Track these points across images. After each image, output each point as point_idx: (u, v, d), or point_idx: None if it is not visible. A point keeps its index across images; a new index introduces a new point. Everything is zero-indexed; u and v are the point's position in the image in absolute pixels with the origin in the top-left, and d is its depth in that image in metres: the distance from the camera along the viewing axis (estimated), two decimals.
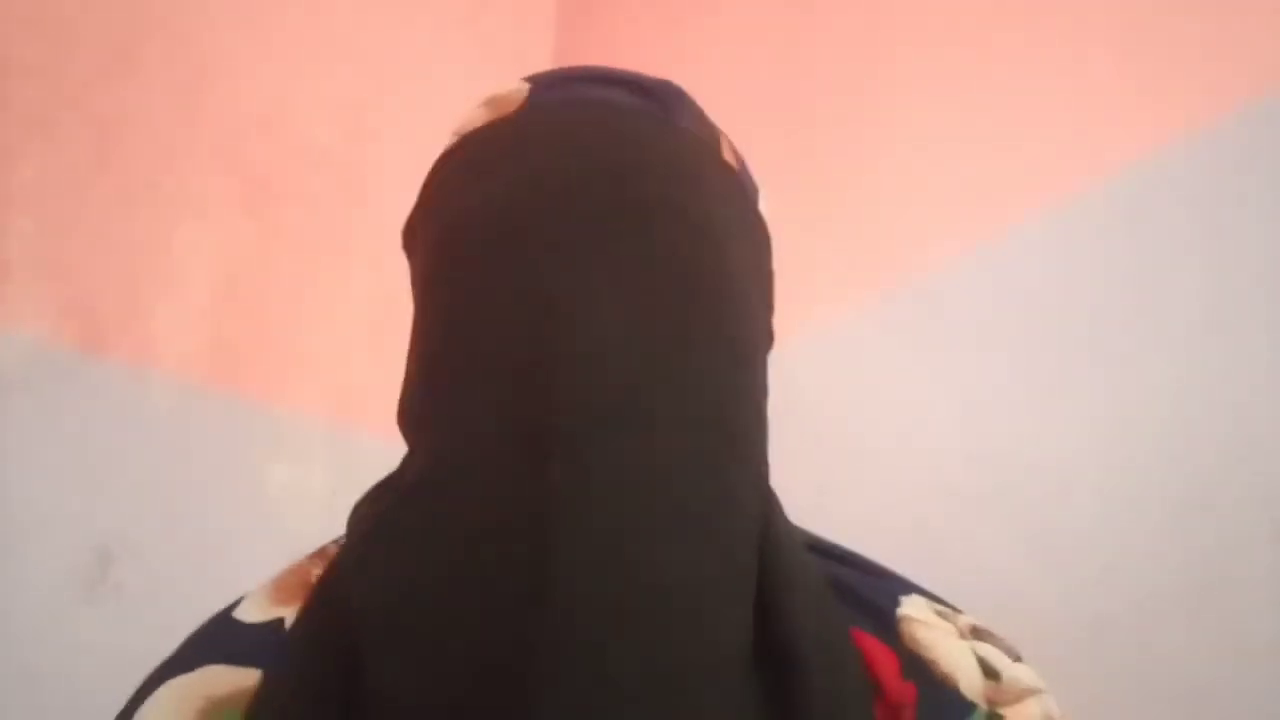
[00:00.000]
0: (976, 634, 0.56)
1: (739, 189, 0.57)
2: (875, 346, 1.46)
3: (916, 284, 1.44)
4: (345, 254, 1.63)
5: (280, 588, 0.56)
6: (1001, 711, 0.52)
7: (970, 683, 0.52)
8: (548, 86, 0.57)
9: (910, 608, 0.55)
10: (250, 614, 0.56)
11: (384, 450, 0.53)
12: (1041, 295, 1.32)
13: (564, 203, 0.51)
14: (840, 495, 1.37)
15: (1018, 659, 0.56)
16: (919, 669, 0.52)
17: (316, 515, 1.49)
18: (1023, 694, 0.53)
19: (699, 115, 0.58)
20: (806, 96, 1.63)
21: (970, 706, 0.52)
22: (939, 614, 0.56)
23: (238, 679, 0.51)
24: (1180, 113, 1.24)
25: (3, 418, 1.31)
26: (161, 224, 1.49)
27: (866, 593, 0.56)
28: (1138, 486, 1.18)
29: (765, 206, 0.61)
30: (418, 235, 0.57)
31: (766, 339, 0.58)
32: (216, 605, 0.60)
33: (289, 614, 0.54)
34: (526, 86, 0.57)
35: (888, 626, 0.54)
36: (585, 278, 0.49)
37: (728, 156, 0.57)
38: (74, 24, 1.44)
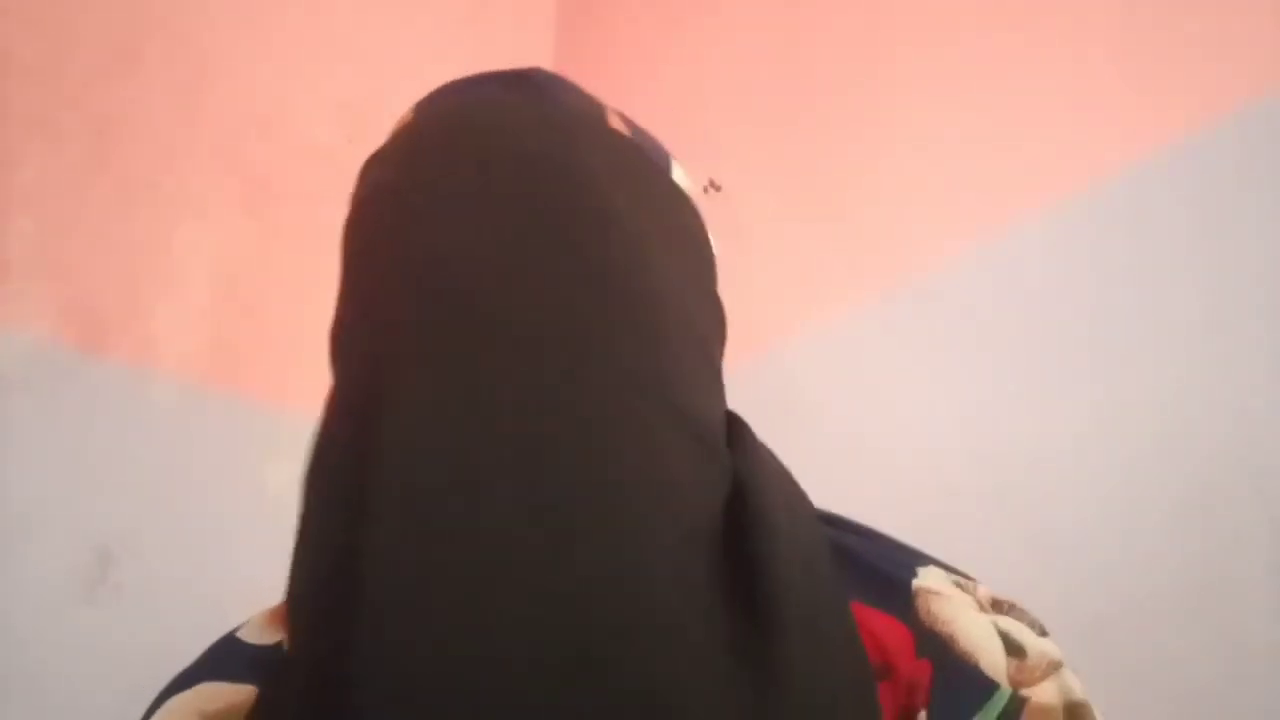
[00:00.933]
0: (997, 606, 0.53)
1: (636, 157, 0.55)
2: (875, 346, 1.46)
3: (916, 284, 1.44)
4: None
5: (279, 612, 0.57)
6: (1025, 693, 0.50)
7: (992, 661, 0.50)
8: (431, 100, 0.59)
9: (926, 578, 0.53)
10: (250, 636, 0.57)
11: None
12: (1041, 295, 1.32)
13: (429, 190, 0.50)
14: (840, 495, 1.37)
15: (1043, 632, 0.54)
16: (936, 645, 0.50)
17: None
18: (1048, 671, 0.51)
19: (579, 93, 0.58)
20: (806, 96, 1.63)
21: (992, 686, 0.49)
22: (957, 584, 0.54)
23: (232, 695, 0.53)
24: (1180, 113, 1.24)
25: (2, 418, 1.31)
26: (162, 224, 1.49)
27: (878, 562, 0.53)
28: (1137, 486, 1.18)
29: (681, 174, 0.59)
30: None
31: (710, 313, 0.56)
32: (217, 605, 0.61)
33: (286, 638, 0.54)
34: (411, 111, 0.60)
35: (902, 599, 0.52)
36: (436, 261, 0.48)
37: (615, 124, 0.56)
38: (74, 24, 1.44)
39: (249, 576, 0.65)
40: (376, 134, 0.61)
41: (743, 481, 0.48)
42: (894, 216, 1.49)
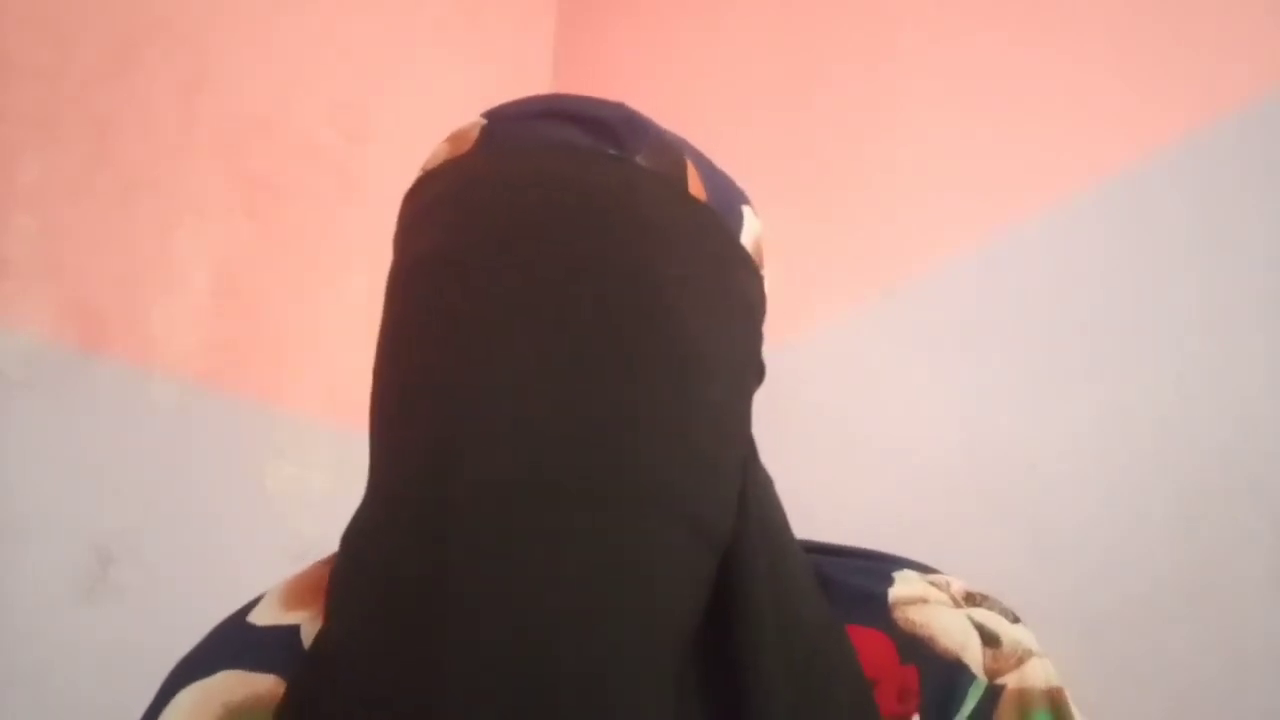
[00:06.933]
0: (971, 600, 0.56)
1: (707, 225, 0.54)
2: (875, 346, 1.46)
3: (916, 284, 1.44)
4: (344, 253, 1.63)
5: (293, 593, 0.58)
6: (1001, 681, 0.53)
7: (972, 653, 0.53)
8: (502, 124, 0.55)
9: (902, 586, 0.55)
10: (264, 617, 0.57)
11: None
12: (1041, 295, 1.32)
13: (494, 260, 0.49)
14: (840, 495, 1.37)
15: (1015, 620, 0.56)
16: (917, 649, 0.53)
17: (316, 515, 1.49)
18: (1023, 658, 0.54)
19: (662, 147, 0.55)
20: (807, 96, 1.63)
21: (972, 678, 0.52)
22: (932, 584, 0.56)
23: (253, 685, 0.53)
24: (1180, 113, 1.24)
25: (3, 417, 1.31)
26: (162, 223, 1.49)
27: (853, 578, 0.56)
28: (1137, 486, 1.18)
29: (753, 228, 0.57)
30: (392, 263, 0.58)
31: (751, 376, 0.56)
32: (216, 605, 0.60)
33: (303, 618, 0.55)
34: (481, 123, 0.56)
35: (881, 611, 0.54)
36: (502, 342, 0.48)
37: (695, 190, 0.54)
38: (75, 24, 1.44)
39: (248, 576, 0.64)
40: (376, 134, 0.60)
41: (733, 557, 0.50)
42: (894, 216, 1.49)
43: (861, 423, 1.44)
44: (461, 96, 1.80)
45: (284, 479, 1.53)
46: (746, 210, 0.58)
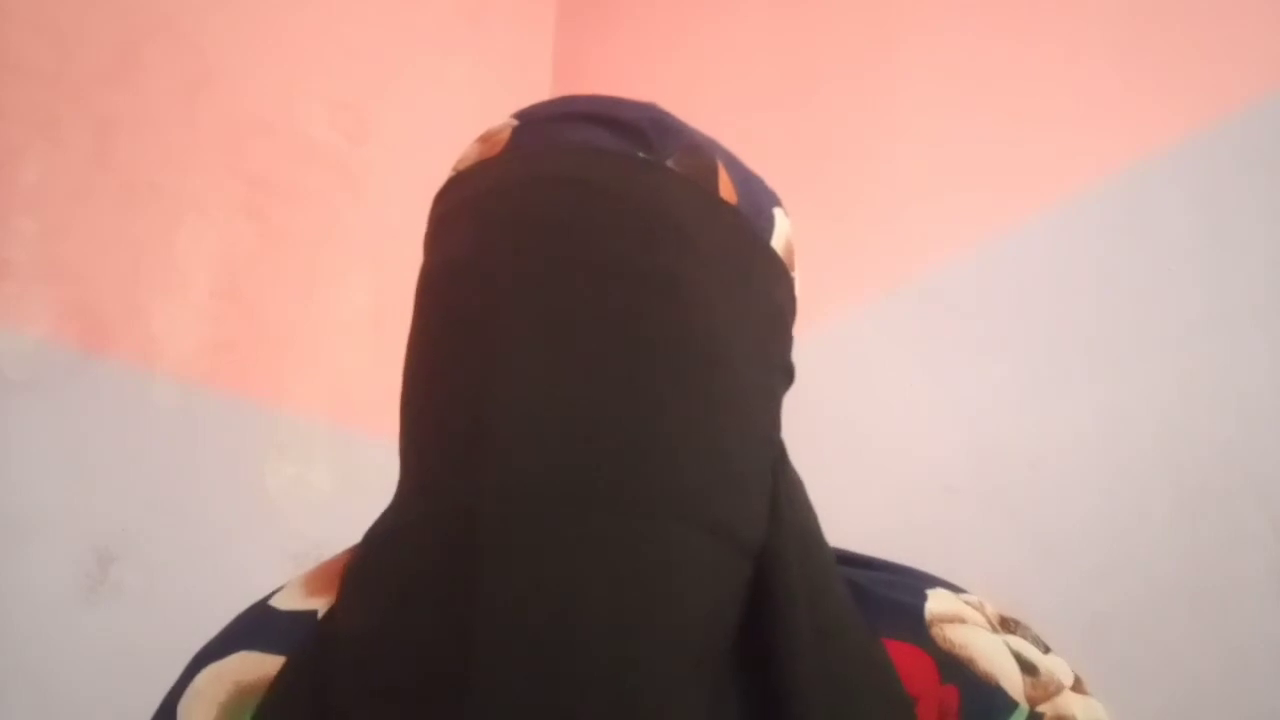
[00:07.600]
0: (1005, 625, 0.56)
1: (737, 228, 0.54)
2: (876, 346, 1.46)
3: (917, 284, 1.44)
4: (345, 254, 1.63)
5: (316, 580, 0.59)
6: (1041, 709, 0.52)
7: (1011, 680, 0.53)
8: (531, 126, 0.55)
9: (937, 603, 0.55)
10: (286, 602, 0.58)
11: (384, 450, 0.53)
12: (1042, 295, 1.32)
13: (520, 263, 0.49)
14: (840, 495, 1.37)
15: (1047, 649, 0.56)
16: (957, 670, 0.52)
17: (317, 515, 1.49)
18: (1058, 688, 0.54)
19: (693, 150, 0.54)
20: (809, 96, 1.63)
21: (1013, 705, 0.52)
22: (966, 603, 0.56)
23: (267, 666, 0.54)
24: (1180, 113, 1.24)
25: (5, 417, 1.31)
26: (163, 224, 1.49)
27: (889, 592, 0.55)
28: (1138, 486, 1.18)
29: (783, 230, 0.57)
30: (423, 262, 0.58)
31: (779, 379, 0.56)
32: (217, 605, 0.61)
33: (322, 605, 0.56)
34: (513, 125, 0.56)
35: (919, 627, 0.54)
36: (526, 346, 0.48)
37: (725, 192, 0.54)
38: (76, 25, 1.44)
39: (249, 576, 0.65)
40: (376, 134, 0.61)
41: (767, 563, 0.50)
42: (895, 216, 1.49)
43: (861, 423, 1.44)
44: (461, 97, 1.81)
45: (285, 479, 1.53)
46: (778, 212, 0.57)
